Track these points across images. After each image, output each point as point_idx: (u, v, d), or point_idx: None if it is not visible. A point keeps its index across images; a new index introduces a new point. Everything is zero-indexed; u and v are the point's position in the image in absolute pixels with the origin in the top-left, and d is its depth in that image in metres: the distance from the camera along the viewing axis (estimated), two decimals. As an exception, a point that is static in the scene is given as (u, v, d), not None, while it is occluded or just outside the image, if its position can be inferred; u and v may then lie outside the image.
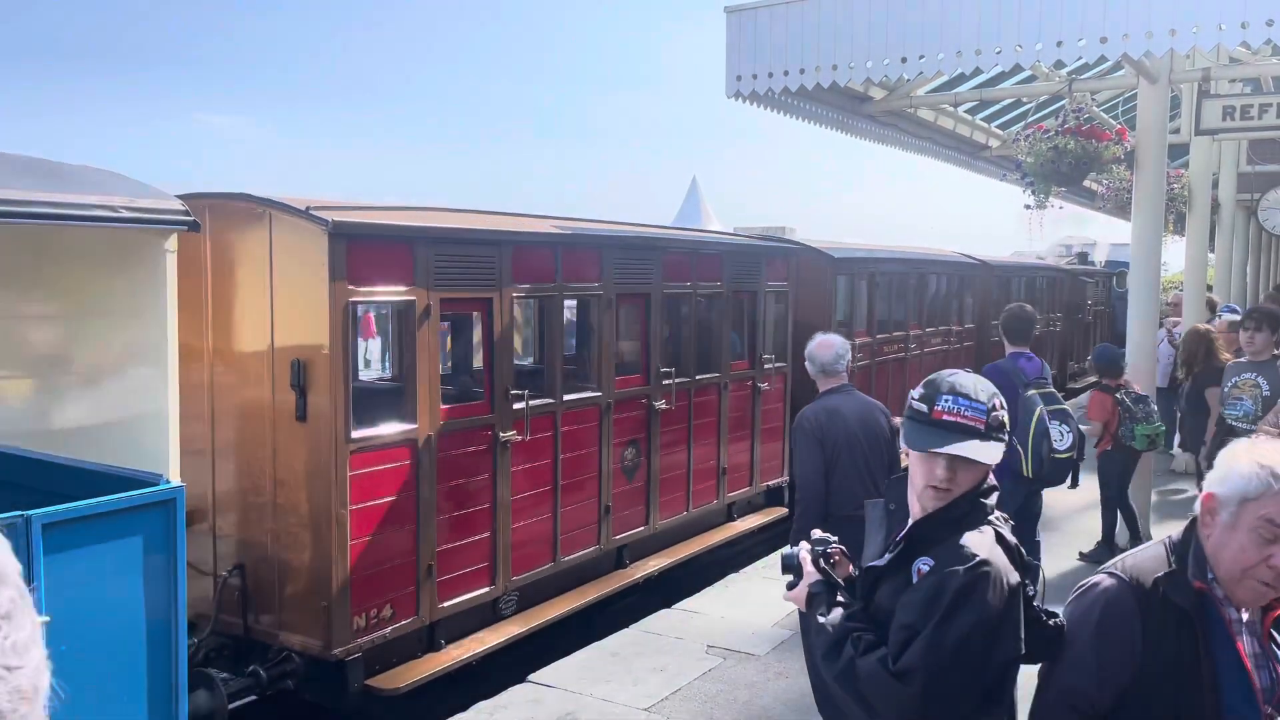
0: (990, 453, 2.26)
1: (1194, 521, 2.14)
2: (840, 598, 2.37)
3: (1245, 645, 2.07)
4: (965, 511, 2.28)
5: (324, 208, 5.27)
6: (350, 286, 5.31)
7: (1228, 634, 2.06)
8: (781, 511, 9.75)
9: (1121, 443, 7.37)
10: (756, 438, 9.24)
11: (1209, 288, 13.53)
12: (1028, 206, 7.95)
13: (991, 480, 2.36)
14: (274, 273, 5.38)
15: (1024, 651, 2.25)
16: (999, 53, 6.13)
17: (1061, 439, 6.03)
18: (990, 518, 2.31)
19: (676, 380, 7.98)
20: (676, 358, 8.23)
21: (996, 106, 11.50)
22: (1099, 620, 2.13)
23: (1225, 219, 14.31)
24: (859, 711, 2.25)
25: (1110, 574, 2.18)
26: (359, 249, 5.35)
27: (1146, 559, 2.18)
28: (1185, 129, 10.03)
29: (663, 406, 7.82)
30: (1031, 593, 2.35)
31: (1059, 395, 6.48)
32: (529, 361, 7.76)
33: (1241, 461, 2.04)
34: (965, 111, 11.30)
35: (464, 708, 5.39)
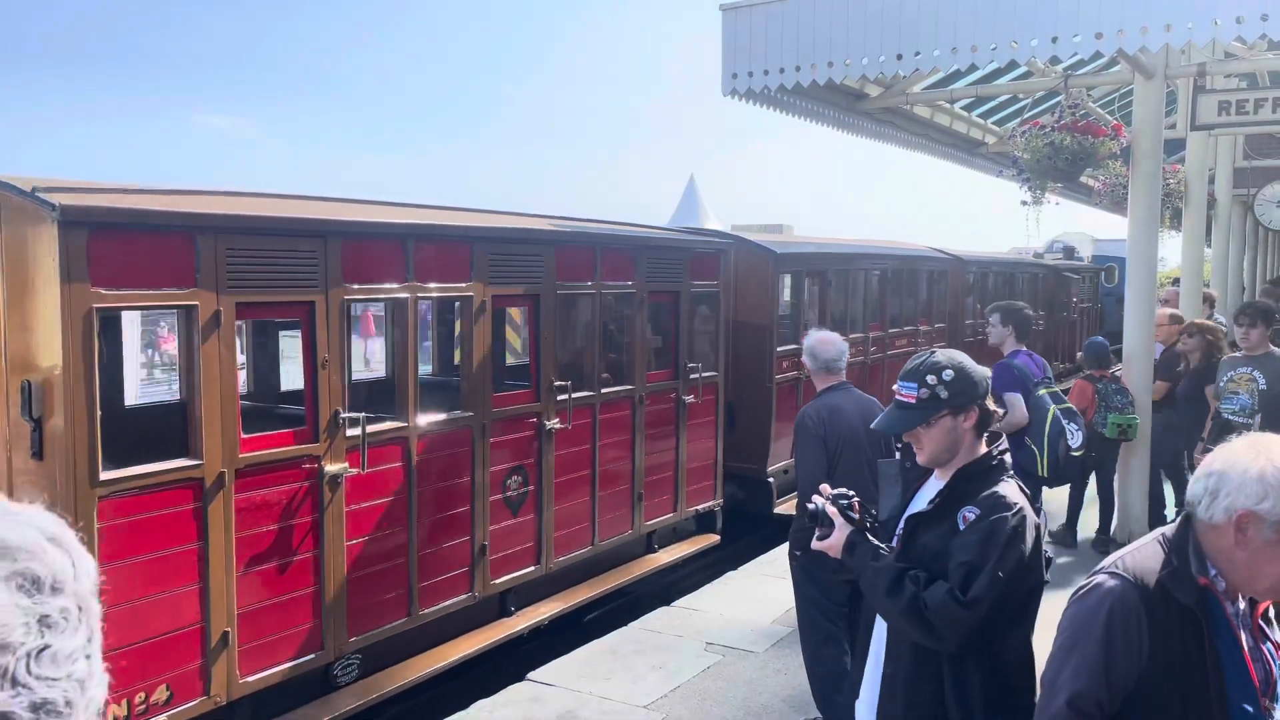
0: (910, 419, 2.72)
1: (1188, 517, 2.09)
2: (874, 541, 2.78)
3: (1244, 639, 2.06)
4: (991, 466, 2.71)
5: (59, 189, 4.12)
6: (96, 289, 4.16)
7: (1230, 628, 2.04)
8: (714, 539, 8.64)
9: (1094, 429, 7.37)
10: (682, 457, 8.11)
11: (1205, 283, 13.10)
12: (1024, 203, 7.87)
13: (1004, 443, 2.79)
14: (4, 271, 4.24)
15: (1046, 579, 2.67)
16: (994, 49, 6.04)
17: (1073, 437, 6.04)
18: (1010, 471, 2.74)
19: (575, 395, 6.83)
20: (576, 369, 7.10)
21: (993, 103, 11.31)
22: (1106, 622, 2.07)
23: (1222, 214, 14.16)
24: (918, 635, 2.58)
25: (1111, 573, 2.13)
26: (109, 242, 4.20)
27: (1146, 557, 2.14)
28: (1181, 124, 9.90)
29: (557, 426, 6.68)
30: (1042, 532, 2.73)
31: (1062, 394, 6.46)
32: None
33: (1271, 475, 1.96)
34: (961, 108, 11.16)
35: (463, 707, 5.33)
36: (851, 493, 2.91)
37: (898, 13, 6.31)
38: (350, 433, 5.26)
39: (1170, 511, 8.20)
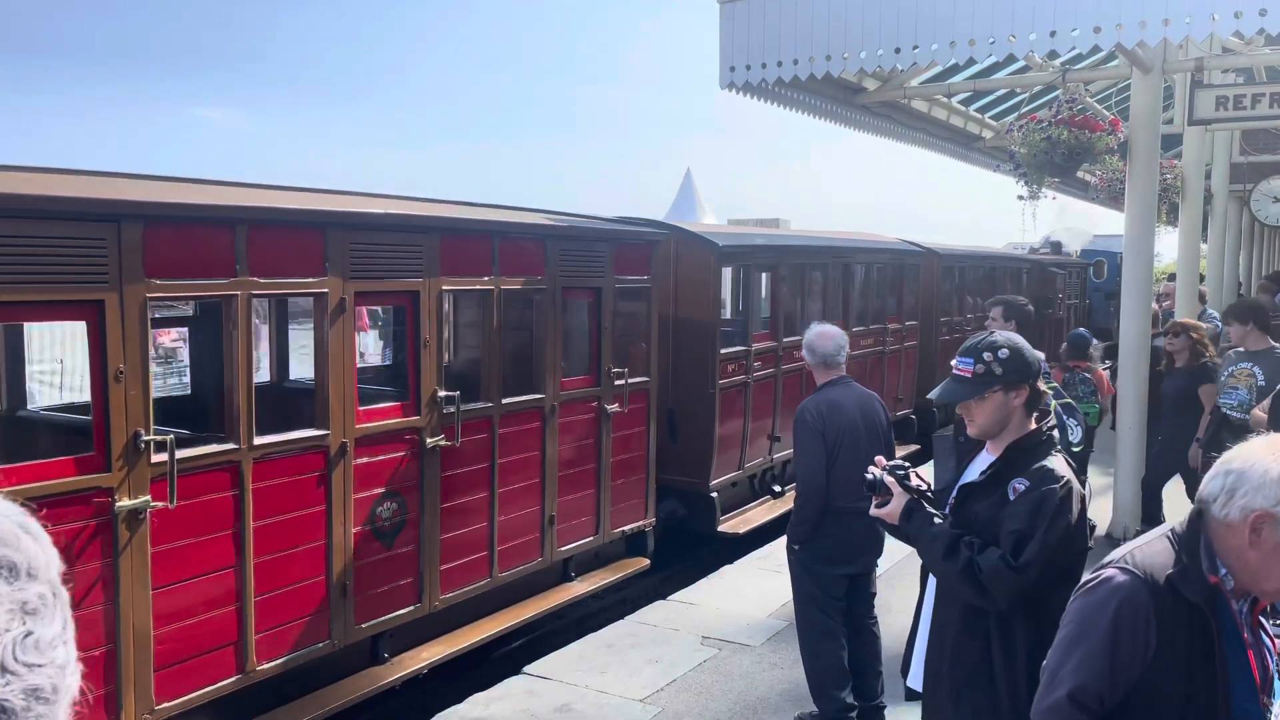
0: (966, 391, 2.95)
1: (1198, 514, 2.07)
2: (929, 509, 3.02)
3: (1248, 636, 2.06)
4: (1040, 442, 2.94)
5: None
6: None
7: (1236, 627, 2.05)
8: (642, 564, 7.74)
9: None
10: (605, 474, 7.21)
11: (1200, 278, 13.12)
12: (1020, 198, 7.93)
13: (1052, 420, 3.05)
14: None
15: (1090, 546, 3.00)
16: (992, 43, 6.09)
17: (1073, 433, 5.97)
18: (1058, 447, 2.99)
19: (468, 406, 5.92)
20: (471, 377, 6.19)
21: (990, 97, 11.34)
22: (1114, 618, 2.06)
23: (1218, 209, 14.01)
24: (972, 595, 2.81)
25: (1121, 569, 2.11)
26: None
27: (1155, 553, 2.11)
28: (1178, 119, 9.97)
29: (443, 443, 5.76)
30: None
31: (1062, 390, 6.42)
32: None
33: None
34: (959, 102, 11.20)
35: (458, 700, 5.32)
36: (907, 464, 3.13)
37: (896, 6, 6.26)
38: (157, 458, 4.34)
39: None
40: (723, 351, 8.43)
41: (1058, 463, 2.87)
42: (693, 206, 19.48)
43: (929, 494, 3.08)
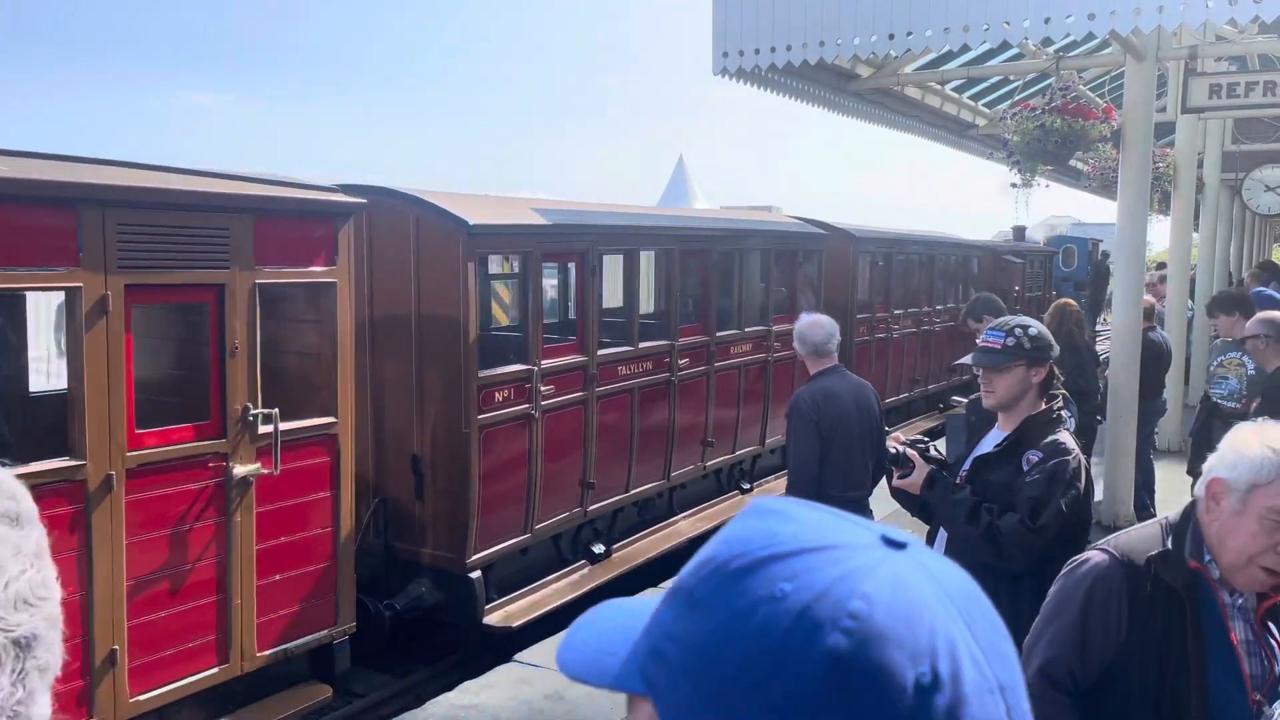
0: (994, 359, 3.20)
1: (1194, 503, 2.11)
2: (950, 479, 3.28)
3: (1237, 631, 2.05)
4: (1052, 419, 3.23)
5: None
6: None
7: (1219, 617, 2.04)
8: (323, 694, 5.24)
9: None
10: (239, 571, 4.71)
11: (1191, 267, 13.13)
12: (1014, 185, 7.97)
13: (1059, 403, 3.31)
14: None
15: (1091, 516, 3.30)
16: (987, 29, 6.08)
17: (1069, 424, 5.84)
18: (1067, 424, 3.32)
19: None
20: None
21: (984, 85, 11.30)
22: (1086, 595, 2.12)
23: (1209, 198, 13.78)
24: (990, 556, 3.04)
25: (1102, 550, 2.17)
26: None
27: (1140, 538, 2.17)
28: (1171, 107, 9.99)
29: None
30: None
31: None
32: None
33: (1252, 447, 2.01)
34: (952, 90, 11.24)
35: (450, 687, 5.32)
36: (926, 439, 3.48)
37: (890, -9, 6.33)
38: None
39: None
40: (487, 373, 5.86)
41: (1067, 438, 3.17)
42: (685, 193, 19.39)
43: (946, 466, 3.36)
